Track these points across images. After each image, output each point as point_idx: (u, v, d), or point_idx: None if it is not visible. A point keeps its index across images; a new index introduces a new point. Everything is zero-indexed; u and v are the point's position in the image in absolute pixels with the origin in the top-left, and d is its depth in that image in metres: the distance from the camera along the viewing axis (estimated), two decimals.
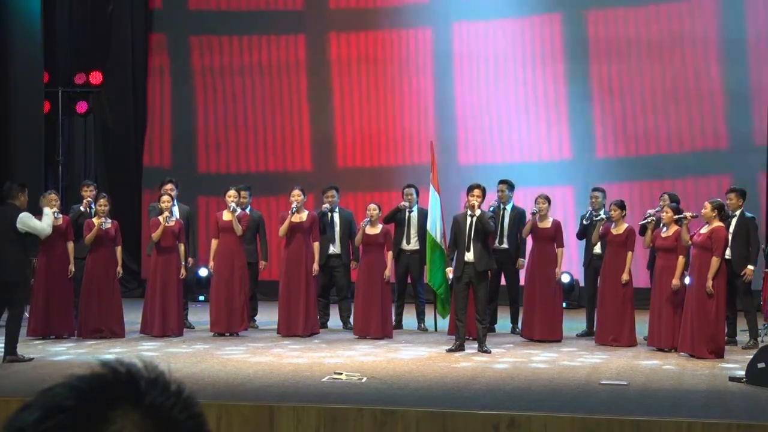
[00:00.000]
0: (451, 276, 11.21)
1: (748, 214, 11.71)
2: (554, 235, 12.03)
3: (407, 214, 12.92)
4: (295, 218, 12.26)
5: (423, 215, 12.59)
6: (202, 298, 14.57)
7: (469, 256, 10.94)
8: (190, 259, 12.94)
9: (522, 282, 12.50)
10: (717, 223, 10.72)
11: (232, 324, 12.17)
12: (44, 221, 10.67)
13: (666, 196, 12.01)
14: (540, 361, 10.51)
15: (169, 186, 12.70)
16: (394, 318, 12.70)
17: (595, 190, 12.45)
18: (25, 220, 10.29)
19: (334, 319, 13.07)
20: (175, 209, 12.73)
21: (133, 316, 12.53)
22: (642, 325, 11.57)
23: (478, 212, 10.97)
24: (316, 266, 12.34)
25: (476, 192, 11.08)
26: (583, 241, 12.38)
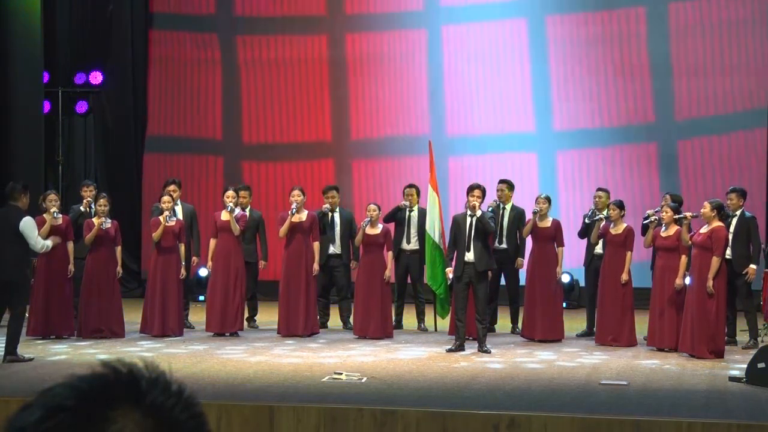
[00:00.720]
0: (450, 276, 11.20)
1: (748, 214, 11.72)
2: (554, 235, 12.03)
3: (407, 213, 12.92)
4: (295, 218, 12.27)
5: (423, 215, 12.59)
6: (201, 298, 14.57)
7: (470, 256, 10.93)
8: (194, 258, 12.98)
9: (522, 282, 12.51)
10: (717, 223, 10.73)
11: (225, 324, 12.16)
12: (44, 242, 10.56)
13: (668, 196, 12.02)
14: (540, 361, 10.50)
15: (172, 187, 12.75)
16: (394, 318, 12.69)
17: (599, 189, 12.47)
18: (28, 228, 10.25)
19: (334, 319, 13.06)
20: (178, 209, 12.76)
21: (133, 316, 12.53)
22: (642, 325, 11.56)
23: (479, 213, 10.97)
24: (316, 266, 12.34)
25: (476, 192, 11.09)
26: (584, 241, 12.37)
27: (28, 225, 10.24)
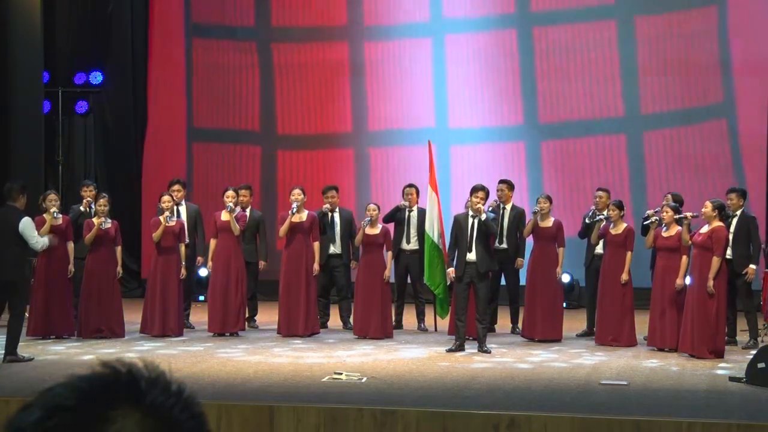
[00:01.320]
0: (452, 276, 11.17)
1: (748, 214, 11.73)
2: (555, 235, 12.02)
3: (407, 213, 12.93)
4: (295, 218, 12.27)
5: (423, 215, 12.59)
6: (201, 298, 14.58)
7: (471, 257, 10.92)
8: (199, 258, 13.00)
9: (522, 282, 12.52)
10: (717, 223, 10.72)
11: (227, 324, 12.16)
12: (42, 239, 10.54)
13: (669, 196, 12.03)
14: (540, 361, 10.50)
15: (176, 186, 12.78)
16: (394, 318, 12.68)
17: (600, 189, 12.50)
18: (27, 228, 10.24)
19: (334, 319, 13.06)
20: (182, 209, 12.78)
21: (133, 316, 12.52)
22: (642, 325, 11.56)
23: (483, 216, 10.94)
24: (316, 266, 12.33)
25: (480, 194, 11.05)
26: (584, 241, 12.37)
27: (27, 225, 10.24)
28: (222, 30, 16.88)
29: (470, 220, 10.98)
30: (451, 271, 11.22)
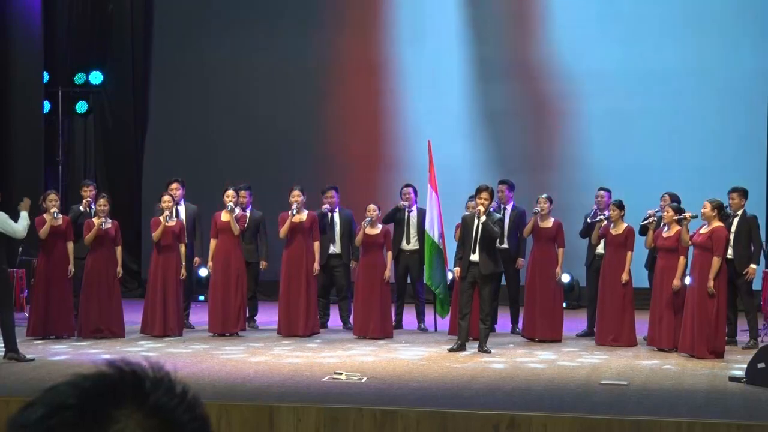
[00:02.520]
0: (457, 275, 11.15)
1: (749, 214, 11.72)
2: (555, 235, 12.02)
3: (406, 214, 12.93)
4: (296, 218, 12.27)
5: (422, 215, 12.61)
6: (201, 298, 14.57)
7: (474, 258, 10.92)
8: (197, 259, 12.98)
9: (522, 282, 12.52)
10: (717, 223, 10.71)
11: (227, 324, 12.16)
12: (20, 223, 10.51)
13: (667, 196, 12.02)
14: (540, 361, 10.50)
15: (174, 185, 12.76)
16: (394, 318, 12.68)
17: (601, 189, 12.50)
18: (2, 221, 10.23)
19: (334, 319, 13.07)
20: (182, 209, 12.77)
21: (133, 316, 12.52)
22: (642, 325, 11.56)
23: (483, 218, 10.91)
24: (317, 266, 12.34)
25: (484, 195, 11.00)
26: (585, 241, 12.37)
27: (1, 219, 10.22)
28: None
29: (476, 221, 10.97)
30: (457, 271, 11.18)
